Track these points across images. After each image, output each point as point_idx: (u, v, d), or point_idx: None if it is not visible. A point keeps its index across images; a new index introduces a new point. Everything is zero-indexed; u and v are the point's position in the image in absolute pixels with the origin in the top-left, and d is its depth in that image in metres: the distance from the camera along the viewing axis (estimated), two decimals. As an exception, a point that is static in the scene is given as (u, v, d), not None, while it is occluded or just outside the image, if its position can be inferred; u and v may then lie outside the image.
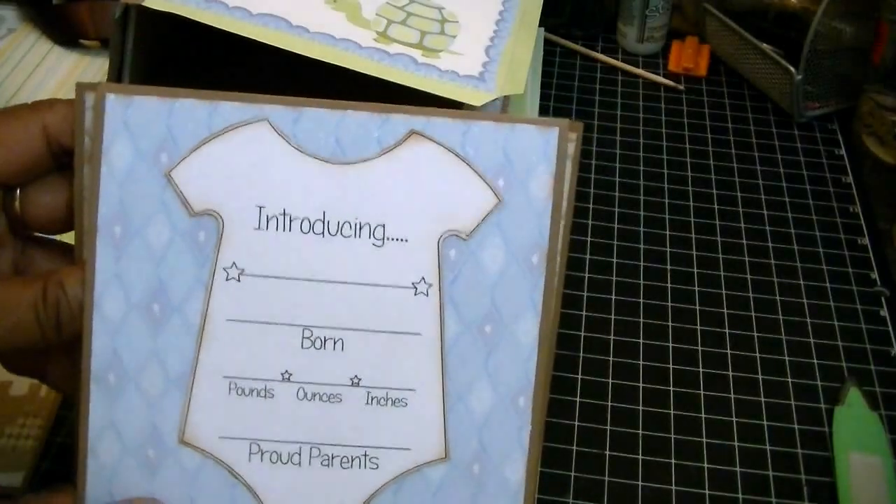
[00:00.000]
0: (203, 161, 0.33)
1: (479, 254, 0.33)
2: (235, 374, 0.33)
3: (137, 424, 0.33)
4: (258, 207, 0.33)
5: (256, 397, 0.33)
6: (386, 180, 0.33)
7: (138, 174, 0.33)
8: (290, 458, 0.33)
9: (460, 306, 0.33)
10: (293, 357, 0.33)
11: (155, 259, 0.33)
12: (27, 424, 0.44)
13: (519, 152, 0.34)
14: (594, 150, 0.66)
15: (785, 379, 0.51)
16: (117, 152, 0.33)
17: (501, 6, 0.65)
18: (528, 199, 0.34)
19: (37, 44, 0.72)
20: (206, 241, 0.33)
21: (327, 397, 0.33)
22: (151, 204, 0.33)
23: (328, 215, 0.33)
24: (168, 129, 0.33)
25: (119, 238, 0.33)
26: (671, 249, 0.59)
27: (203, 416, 0.33)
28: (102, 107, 0.32)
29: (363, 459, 0.33)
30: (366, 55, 0.57)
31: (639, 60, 0.75)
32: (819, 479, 0.47)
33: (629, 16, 0.73)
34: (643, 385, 0.51)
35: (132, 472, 0.33)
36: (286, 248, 0.33)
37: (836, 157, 0.66)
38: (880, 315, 0.55)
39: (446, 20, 0.62)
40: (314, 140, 0.33)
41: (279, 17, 0.57)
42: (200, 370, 0.33)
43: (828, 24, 0.65)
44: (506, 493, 0.33)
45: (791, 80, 0.66)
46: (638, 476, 0.47)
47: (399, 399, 0.33)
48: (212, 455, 0.33)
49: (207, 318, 0.33)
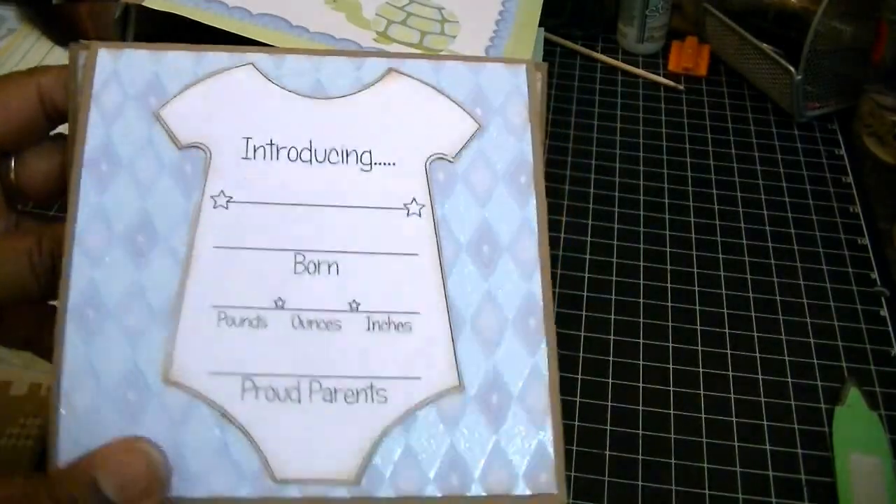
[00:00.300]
0: (190, 101, 0.34)
1: (467, 176, 0.33)
2: (225, 303, 0.31)
3: (117, 365, 0.30)
4: (245, 139, 0.33)
5: (248, 327, 0.31)
6: (368, 111, 0.34)
7: (126, 115, 0.33)
8: (288, 395, 0.30)
9: (455, 227, 0.33)
10: (285, 283, 0.32)
11: (141, 192, 0.32)
12: (27, 424, 0.44)
13: (491, 86, 0.35)
14: (594, 150, 0.66)
15: (785, 379, 0.51)
16: (107, 97, 0.33)
17: (501, 6, 0.65)
18: (506, 124, 0.34)
19: (37, 44, 0.72)
20: (193, 173, 0.33)
21: (325, 324, 0.31)
22: (139, 141, 0.33)
23: (314, 144, 0.33)
24: (156, 76, 0.34)
25: (105, 173, 0.32)
26: (671, 249, 0.59)
27: (190, 352, 0.31)
28: (94, 62, 0.33)
29: (370, 392, 0.31)
30: (366, 55, 0.57)
31: (639, 60, 0.75)
32: (819, 479, 0.47)
33: (629, 16, 0.73)
34: (643, 385, 0.51)
35: (110, 419, 0.30)
36: (274, 176, 0.33)
37: (836, 157, 0.66)
38: (880, 315, 0.55)
39: (446, 20, 0.62)
40: (297, 80, 0.34)
41: (279, 17, 0.57)
42: (187, 301, 0.31)
43: (828, 24, 0.65)
44: (531, 424, 0.31)
45: (791, 80, 0.66)
46: (638, 476, 0.47)
47: (403, 323, 0.31)
48: (200, 394, 0.30)
49: (194, 247, 0.32)
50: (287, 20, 0.57)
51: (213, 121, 0.33)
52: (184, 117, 0.33)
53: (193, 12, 0.55)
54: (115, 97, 0.33)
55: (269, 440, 0.30)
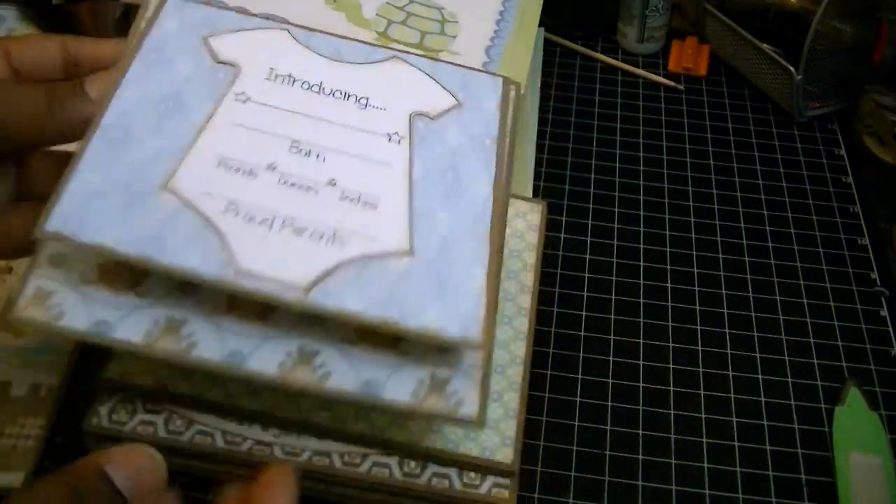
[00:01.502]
0: (233, 37, 0.43)
1: (441, 131, 0.42)
2: (226, 155, 0.38)
3: (127, 168, 0.36)
4: (270, 68, 0.42)
5: (242, 175, 0.38)
6: (372, 76, 0.43)
7: (181, 34, 0.42)
8: (263, 222, 0.36)
9: (425, 156, 0.41)
10: (279, 156, 0.39)
11: (178, 79, 0.40)
12: (27, 424, 0.44)
13: (475, 84, 0.44)
14: (594, 150, 0.66)
15: (785, 379, 0.51)
16: (168, 22, 0.42)
17: (501, 6, 0.65)
18: (481, 109, 0.43)
19: (37, 44, 0.72)
20: (223, 78, 0.41)
21: (305, 188, 0.38)
22: (185, 49, 0.41)
23: (324, 84, 0.42)
24: (210, 19, 0.43)
25: (153, 61, 0.40)
26: (671, 249, 0.59)
27: (189, 175, 0.37)
28: (162, 4, 0.42)
29: (331, 237, 0.37)
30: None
31: (639, 60, 0.75)
32: (819, 479, 0.47)
33: (629, 16, 0.73)
34: (643, 385, 0.51)
35: (110, 204, 0.35)
36: (287, 94, 0.41)
37: (836, 157, 0.66)
38: (880, 315, 0.55)
39: (446, 20, 0.62)
40: (320, 46, 0.44)
41: (279, 17, 0.57)
42: (197, 146, 0.38)
43: (828, 24, 0.65)
44: (469, 294, 0.36)
45: (791, 80, 0.66)
46: (638, 476, 0.47)
47: (370, 202, 0.38)
48: (190, 203, 0.36)
49: (211, 119, 0.39)
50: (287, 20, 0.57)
51: (246, 52, 0.42)
52: (225, 44, 0.42)
53: (193, 12, 0.55)
54: (174, 24, 0.42)
55: (239, 244, 0.35)
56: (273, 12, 0.57)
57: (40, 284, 0.35)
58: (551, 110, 0.69)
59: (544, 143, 0.66)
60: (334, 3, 0.60)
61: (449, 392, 0.36)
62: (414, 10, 0.62)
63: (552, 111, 0.69)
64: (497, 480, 0.40)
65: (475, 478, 0.40)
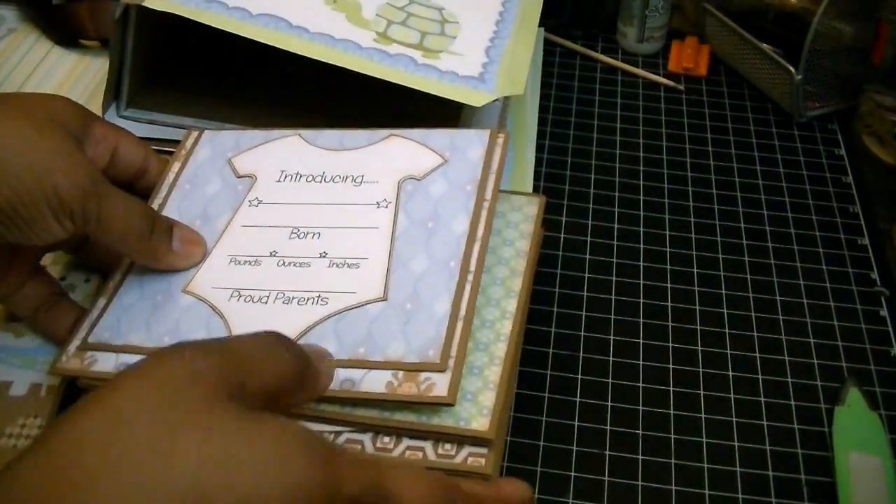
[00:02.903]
0: (252, 153, 0.51)
1: (428, 187, 0.47)
2: (236, 253, 0.46)
3: (157, 284, 0.46)
4: (280, 171, 0.50)
5: (247, 266, 0.46)
6: (369, 156, 0.50)
7: (212, 160, 0.51)
8: (260, 300, 0.44)
9: (411, 213, 0.46)
10: (281, 243, 0.46)
11: (205, 200, 0.49)
12: (27, 424, 0.44)
13: (461, 140, 0.49)
14: (594, 150, 0.66)
15: (785, 379, 0.51)
16: (202, 151, 0.52)
17: (501, 6, 0.65)
18: (465, 160, 0.48)
19: (37, 44, 0.72)
20: (243, 190, 0.49)
21: (299, 264, 0.45)
22: (214, 172, 0.51)
23: (326, 173, 0.49)
24: (236, 141, 0.52)
25: (187, 191, 0.50)
26: (671, 249, 0.59)
27: (205, 276, 0.46)
28: (200, 136, 0.53)
29: (316, 299, 0.43)
30: (366, 55, 0.57)
31: (639, 60, 0.75)
32: (819, 479, 0.47)
33: (629, 16, 0.73)
34: (643, 385, 0.51)
35: (140, 310, 0.45)
36: (293, 190, 0.49)
37: (836, 157, 0.66)
38: (880, 315, 0.55)
39: (446, 21, 0.62)
40: (326, 142, 0.51)
41: (279, 17, 0.57)
42: (214, 251, 0.47)
43: (828, 24, 0.65)
44: (431, 322, 0.41)
45: (791, 80, 0.66)
46: (638, 476, 0.47)
47: (353, 263, 0.45)
48: (203, 298, 0.45)
49: (229, 226, 0.48)
50: (287, 20, 0.57)
51: (262, 163, 0.51)
52: (245, 161, 0.51)
53: (193, 13, 0.55)
54: (208, 151, 0.52)
55: (237, 321, 0.43)
56: (273, 12, 0.57)
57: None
58: (551, 110, 0.69)
59: (544, 143, 0.66)
60: (334, 3, 0.60)
61: (421, 379, 0.40)
62: (414, 10, 0.62)
63: (552, 111, 0.69)
64: (473, 450, 0.40)
65: (450, 448, 0.40)
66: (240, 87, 0.65)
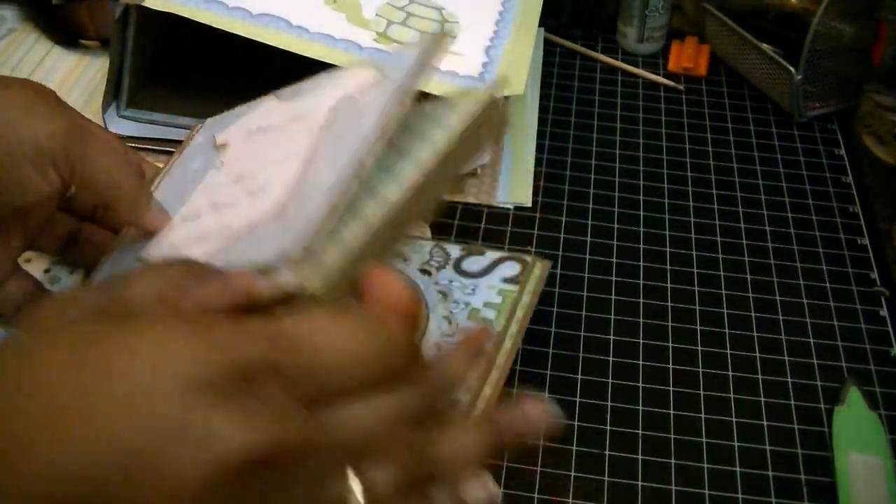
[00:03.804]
0: (234, 126, 0.48)
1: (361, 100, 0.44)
2: (185, 212, 0.45)
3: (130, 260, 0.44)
4: (247, 131, 0.47)
5: (191, 221, 0.44)
6: (323, 92, 0.46)
7: (201, 143, 0.49)
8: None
9: (331, 129, 0.43)
10: (219, 193, 0.44)
11: (188, 178, 0.47)
12: None
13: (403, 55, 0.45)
14: (594, 150, 0.66)
15: (785, 379, 0.51)
16: (198, 138, 0.50)
17: (501, 6, 0.65)
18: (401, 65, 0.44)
19: (37, 44, 0.72)
20: (215, 158, 0.47)
21: (229, 206, 0.43)
22: (199, 153, 0.48)
23: (283, 121, 0.46)
24: (223, 119, 0.50)
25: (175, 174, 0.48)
26: (671, 249, 0.59)
27: (157, 242, 0.44)
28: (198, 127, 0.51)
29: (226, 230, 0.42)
30: (366, 55, 0.57)
31: (639, 60, 0.75)
32: (819, 479, 0.47)
33: (629, 16, 0.73)
34: (643, 385, 0.51)
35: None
36: (252, 145, 0.46)
37: (836, 157, 0.66)
38: (880, 315, 0.55)
39: (446, 20, 0.62)
40: (291, 94, 0.47)
41: (279, 17, 0.57)
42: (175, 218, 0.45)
43: (828, 24, 0.65)
44: (306, 219, 0.39)
45: (791, 80, 0.66)
46: (638, 476, 0.47)
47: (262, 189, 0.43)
48: (145, 260, 0.43)
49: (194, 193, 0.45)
50: (287, 20, 0.57)
51: (237, 130, 0.48)
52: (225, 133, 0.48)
53: (193, 12, 0.55)
54: (200, 137, 0.50)
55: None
56: (273, 12, 0.57)
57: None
58: (551, 110, 0.69)
59: (544, 143, 0.66)
60: (334, 3, 0.60)
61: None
62: (414, 10, 0.62)
63: (552, 111, 0.69)
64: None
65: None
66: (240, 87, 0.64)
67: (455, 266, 0.53)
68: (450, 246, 0.54)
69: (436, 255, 0.54)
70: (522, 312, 0.50)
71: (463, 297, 0.51)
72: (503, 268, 0.53)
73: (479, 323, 0.50)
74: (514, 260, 0.53)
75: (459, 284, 0.52)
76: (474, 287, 0.52)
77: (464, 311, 0.50)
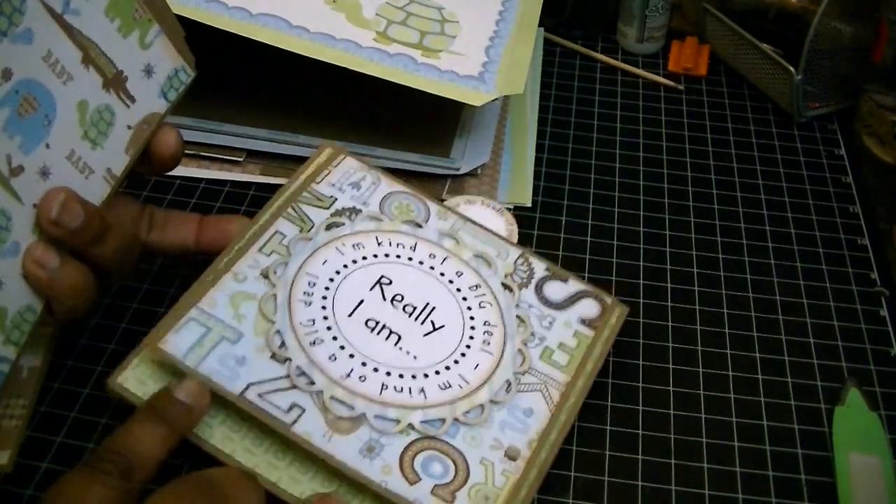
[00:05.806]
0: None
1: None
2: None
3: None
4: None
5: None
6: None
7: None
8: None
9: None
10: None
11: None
12: (10, 405, 0.44)
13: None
14: (594, 150, 0.66)
15: (785, 379, 0.51)
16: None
17: (501, 6, 0.65)
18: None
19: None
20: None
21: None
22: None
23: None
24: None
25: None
26: (671, 249, 0.59)
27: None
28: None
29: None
30: (366, 55, 0.57)
31: (639, 60, 0.75)
32: (819, 479, 0.47)
33: (629, 16, 0.73)
34: (643, 385, 0.51)
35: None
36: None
37: (836, 157, 0.66)
38: (880, 315, 0.55)
39: (446, 20, 0.62)
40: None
41: (279, 17, 0.57)
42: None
43: (828, 24, 0.65)
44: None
45: (791, 80, 0.66)
46: (638, 476, 0.47)
47: None
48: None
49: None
50: (287, 20, 0.57)
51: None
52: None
53: (193, 12, 0.55)
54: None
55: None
56: (273, 12, 0.57)
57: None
58: (551, 110, 0.69)
59: (544, 143, 0.66)
60: (334, 3, 0.60)
61: None
62: (414, 10, 0.62)
63: (552, 111, 0.69)
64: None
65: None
66: (240, 87, 0.65)
67: (537, 288, 0.51)
68: (535, 260, 0.52)
69: (520, 267, 0.52)
70: (592, 365, 0.48)
71: (540, 329, 0.49)
72: (583, 305, 0.50)
73: (548, 365, 0.47)
74: (595, 298, 0.51)
75: (538, 313, 0.49)
76: (552, 321, 0.49)
77: (537, 348, 0.48)
